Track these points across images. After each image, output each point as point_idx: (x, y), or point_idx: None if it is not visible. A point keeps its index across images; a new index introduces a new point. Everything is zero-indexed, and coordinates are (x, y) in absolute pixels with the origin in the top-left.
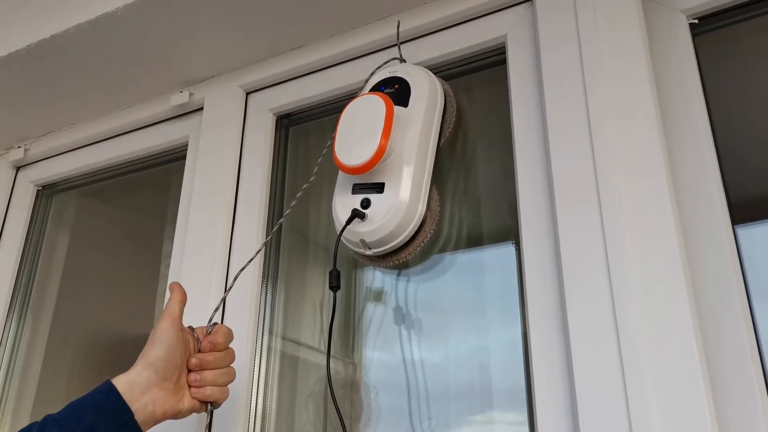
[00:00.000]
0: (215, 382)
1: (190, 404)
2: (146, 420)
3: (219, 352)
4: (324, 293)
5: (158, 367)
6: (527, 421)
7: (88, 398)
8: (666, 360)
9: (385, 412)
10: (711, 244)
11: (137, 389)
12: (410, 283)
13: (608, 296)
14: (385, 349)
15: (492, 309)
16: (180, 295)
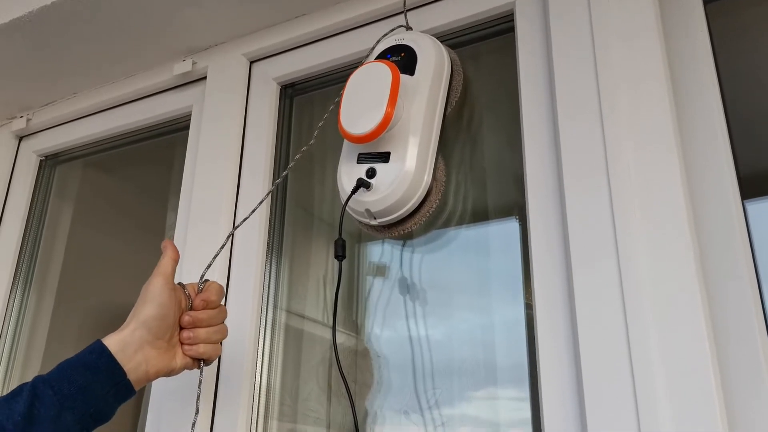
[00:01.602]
0: (208, 339)
1: (183, 362)
2: (139, 379)
3: (212, 309)
4: (328, 268)
5: (151, 326)
6: (529, 398)
7: (80, 358)
8: (673, 338)
9: (389, 386)
10: (720, 219)
11: (130, 349)
12: (414, 259)
13: (616, 273)
14: (388, 324)
15: (495, 286)
16: (173, 253)
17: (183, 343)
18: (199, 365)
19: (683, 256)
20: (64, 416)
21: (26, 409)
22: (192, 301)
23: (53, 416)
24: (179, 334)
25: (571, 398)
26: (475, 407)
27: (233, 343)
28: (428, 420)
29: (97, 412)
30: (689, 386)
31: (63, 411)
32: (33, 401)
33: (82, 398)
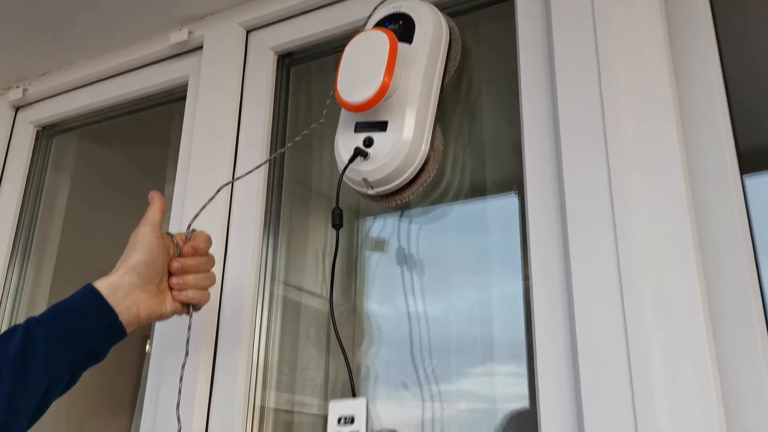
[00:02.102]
0: (197, 285)
1: (173, 307)
2: (130, 321)
3: (200, 257)
4: (327, 241)
5: (140, 271)
6: (526, 374)
7: (71, 301)
8: (669, 310)
9: (387, 359)
10: (718, 192)
11: (120, 292)
12: (412, 234)
13: (613, 246)
14: (386, 298)
15: (493, 262)
16: (160, 204)
17: (172, 289)
18: (188, 311)
19: (680, 228)
20: (58, 356)
21: (20, 348)
22: (180, 248)
23: (47, 355)
24: (168, 280)
25: (567, 371)
26: (473, 383)
27: (230, 314)
28: (425, 391)
29: (90, 352)
30: (684, 355)
31: (56, 351)
32: (26, 341)
33: (75, 339)
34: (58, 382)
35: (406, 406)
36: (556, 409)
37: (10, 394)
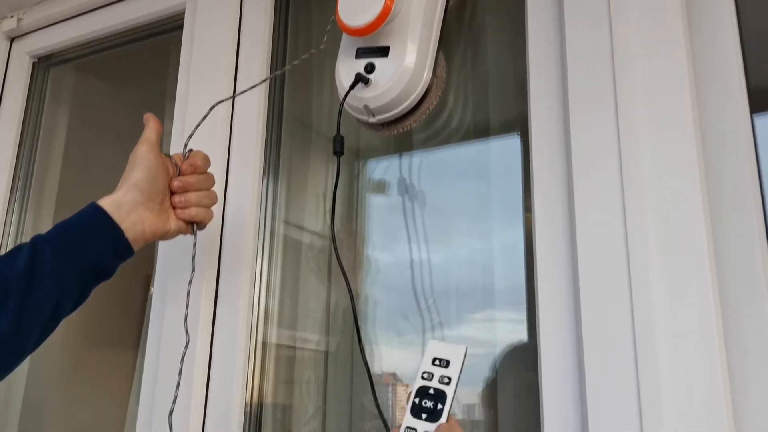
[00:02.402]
0: (199, 203)
1: (177, 225)
2: (136, 238)
3: (199, 174)
4: (327, 183)
5: (142, 188)
6: (525, 320)
7: (76, 219)
8: (674, 252)
9: (386, 306)
10: (727, 132)
11: (124, 209)
12: (413, 176)
13: (618, 191)
14: (386, 241)
15: (495, 207)
16: (155, 124)
17: (175, 207)
18: (192, 229)
19: (688, 170)
20: (65, 272)
21: (27, 263)
22: (179, 167)
23: (54, 271)
24: (170, 199)
25: (568, 316)
26: (473, 328)
27: (232, 251)
28: (426, 335)
29: (98, 268)
30: (688, 293)
31: (63, 267)
32: (34, 257)
33: (82, 255)
34: (67, 297)
35: (406, 351)
36: (557, 352)
37: (19, 308)
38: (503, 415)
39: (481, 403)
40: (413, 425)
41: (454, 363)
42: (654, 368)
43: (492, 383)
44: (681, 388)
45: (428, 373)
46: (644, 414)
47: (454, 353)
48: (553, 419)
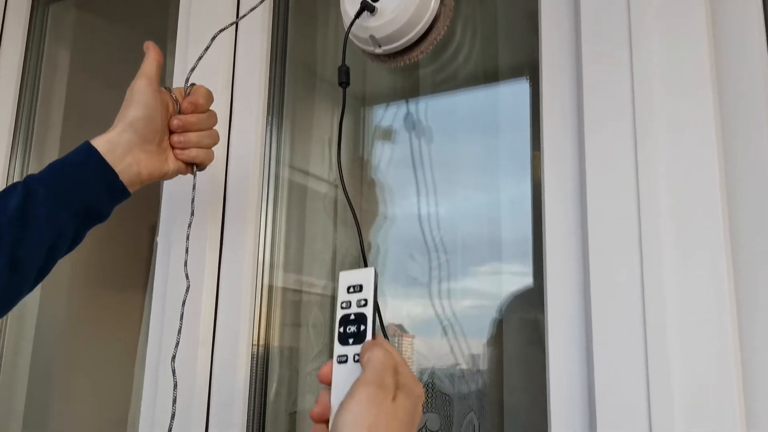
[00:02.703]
0: (200, 143)
1: (175, 166)
2: (132, 181)
3: (201, 113)
4: (332, 130)
5: (138, 128)
6: (531, 273)
7: (69, 159)
8: (686, 208)
9: (392, 257)
10: (746, 89)
11: (119, 150)
12: (419, 122)
13: (631, 144)
14: (393, 189)
15: (502, 157)
16: (155, 55)
17: (174, 148)
18: (192, 170)
19: (703, 122)
20: (59, 214)
21: (20, 205)
22: (179, 104)
23: (48, 214)
24: (169, 138)
25: (576, 269)
26: (479, 281)
27: (236, 194)
28: (432, 287)
29: (93, 210)
30: (699, 245)
31: (57, 209)
32: (26, 198)
33: (76, 196)
34: (62, 239)
35: (411, 302)
36: (564, 304)
37: (12, 251)
38: (509, 363)
39: (487, 354)
40: (343, 352)
41: (367, 285)
42: (662, 318)
43: (497, 334)
44: (688, 333)
45: (345, 302)
46: (650, 359)
47: (365, 276)
48: (559, 368)
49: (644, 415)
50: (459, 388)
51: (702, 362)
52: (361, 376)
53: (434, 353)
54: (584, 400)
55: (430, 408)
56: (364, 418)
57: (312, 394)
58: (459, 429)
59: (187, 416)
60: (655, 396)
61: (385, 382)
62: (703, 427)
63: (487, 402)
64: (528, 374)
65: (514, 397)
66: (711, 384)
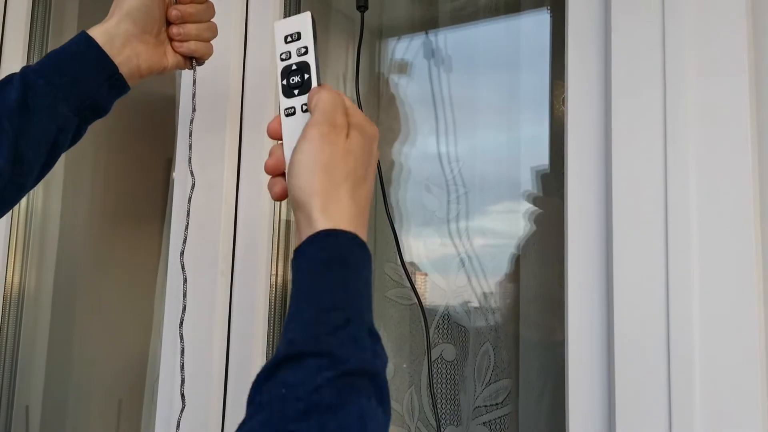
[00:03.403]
0: (199, 36)
1: (174, 59)
2: (131, 74)
3: (199, 4)
4: (347, 65)
5: (135, 18)
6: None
7: (67, 50)
8: (715, 141)
9: (408, 196)
10: None
11: (117, 41)
12: (437, 56)
13: (660, 79)
14: (411, 122)
15: (521, 93)
16: None
17: (173, 40)
18: (191, 64)
19: (736, 59)
20: (60, 106)
21: (20, 97)
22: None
23: (48, 106)
24: (168, 30)
25: (598, 206)
26: (493, 220)
27: (253, 114)
28: (451, 198)
29: (94, 104)
30: (726, 183)
31: (57, 101)
32: (26, 90)
33: (76, 89)
34: (64, 132)
35: (426, 240)
36: (584, 244)
37: (14, 144)
38: (524, 301)
39: (502, 290)
40: (290, 104)
41: (305, 31)
42: (686, 255)
43: (515, 271)
44: (710, 268)
45: (285, 52)
46: (671, 302)
47: (301, 22)
48: (577, 307)
49: (663, 347)
50: (475, 321)
51: (725, 315)
52: (311, 119)
53: (450, 289)
54: (603, 334)
55: (445, 339)
56: (319, 156)
57: None
58: (474, 360)
59: (209, 349)
60: (675, 328)
61: (337, 122)
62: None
63: (502, 334)
64: (545, 309)
65: (530, 331)
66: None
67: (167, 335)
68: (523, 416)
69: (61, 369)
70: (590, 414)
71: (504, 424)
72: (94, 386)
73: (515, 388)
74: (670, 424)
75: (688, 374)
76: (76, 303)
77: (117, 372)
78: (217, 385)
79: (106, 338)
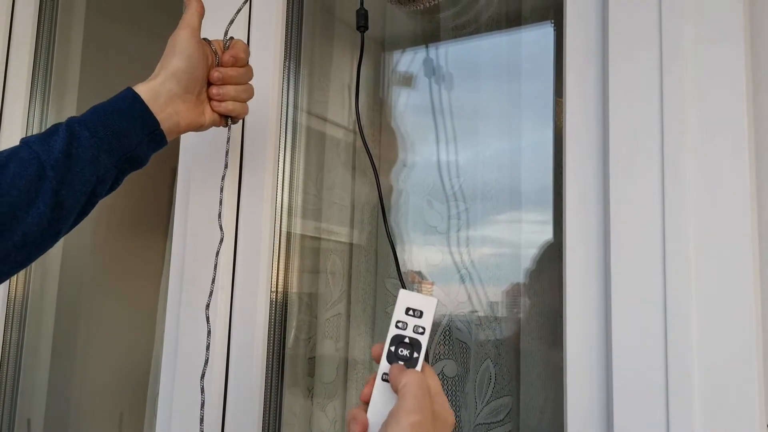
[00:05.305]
0: (237, 97)
1: (212, 118)
2: (171, 131)
3: (240, 67)
4: (351, 74)
5: (180, 78)
6: (551, 222)
7: (113, 105)
8: (710, 154)
9: (412, 205)
10: None
11: (161, 99)
12: (439, 68)
13: (657, 89)
14: (413, 136)
15: (524, 104)
16: (198, 7)
17: (212, 99)
18: (226, 122)
19: (734, 66)
20: (102, 158)
21: (65, 147)
22: (219, 57)
23: (92, 157)
24: (208, 90)
25: (597, 218)
26: (498, 229)
27: (254, 140)
28: (452, 208)
29: (133, 157)
30: (720, 198)
31: (100, 153)
32: (71, 141)
33: (118, 142)
34: (103, 183)
35: (430, 250)
36: (584, 255)
37: (57, 191)
38: (527, 310)
39: (505, 302)
40: (388, 371)
41: (427, 313)
42: (684, 265)
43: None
44: (707, 275)
45: (402, 322)
46: (669, 311)
47: (427, 304)
48: (577, 317)
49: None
50: (476, 336)
51: (722, 299)
52: (404, 404)
53: (452, 301)
54: (602, 347)
55: (447, 355)
56: None
57: (331, 340)
58: (475, 376)
59: (208, 361)
60: (673, 341)
61: (426, 411)
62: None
63: (503, 351)
64: (546, 321)
65: (532, 346)
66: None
67: (168, 348)
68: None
69: (63, 382)
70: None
71: None
72: (95, 399)
73: (516, 405)
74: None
75: (686, 394)
76: (79, 314)
77: (118, 384)
78: (216, 407)
79: (108, 350)
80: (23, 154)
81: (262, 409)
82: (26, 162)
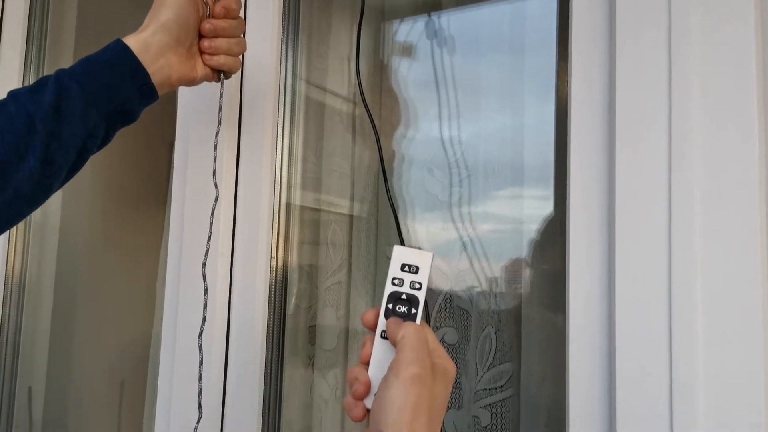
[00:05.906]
0: (229, 50)
1: (204, 72)
2: (162, 84)
3: (232, 19)
4: (350, 46)
5: (171, 29)
6: (552, 198)
7: (103, 56)
8: (719, 130)
9: (413, 180)
10: None
11: (152, 51)
12: (440, 38)
13: (666, 62)
14: (414, 107)
15: (526, 77)
16: None
17: (203, 53)
18: (219, 77)
19: (743, 38)
20: (91, 113)
21: (53, 101)
22: (211, 8)
23: (81, 112)
24: (199, 43)
25: (601, 193)
26: (499, 205)
27: (252, 108)
28: (454, 182)
29: (123, 111)
30: (727, 175)
31: (89, 107)
32: (60, 94)
33: (108, 96)
34: (93, 138)
35: (431, 226)
36: (587, 230)
37: (46, 147)
38: (528, 288)
39: (506, 277)
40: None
41: (423, 269)
42: (689, 248)
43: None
44: (713, 266)
45: (398, 279)
46: (674, 293)
47: (423, 259)
48: (579, 295)
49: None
50: (477, 305)
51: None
52: (402, 357)
53: (453, 272)
54: (604, 321)
55: (447, 322)
56: (409, 397)
57: (331, 308)
58: (476, 343)
59: (209, 330)
60: (677, 322)
61: (425, 363)
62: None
63: (504, 318)
64: (547, 297)
65: (533, 314)
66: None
67: (167, 319)
68: (524, 400)
69: (63, 351)
70: (590, 414)
71: (505, 407)
72: (96, 367)
73: (517, 371)
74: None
75: (689, 376)
76: (79, 285)
77: (119, 353)
78: (217, 375)
79: (108, 319)
80: (11, 107)
81: (262, 375)
82: (14, 116)
